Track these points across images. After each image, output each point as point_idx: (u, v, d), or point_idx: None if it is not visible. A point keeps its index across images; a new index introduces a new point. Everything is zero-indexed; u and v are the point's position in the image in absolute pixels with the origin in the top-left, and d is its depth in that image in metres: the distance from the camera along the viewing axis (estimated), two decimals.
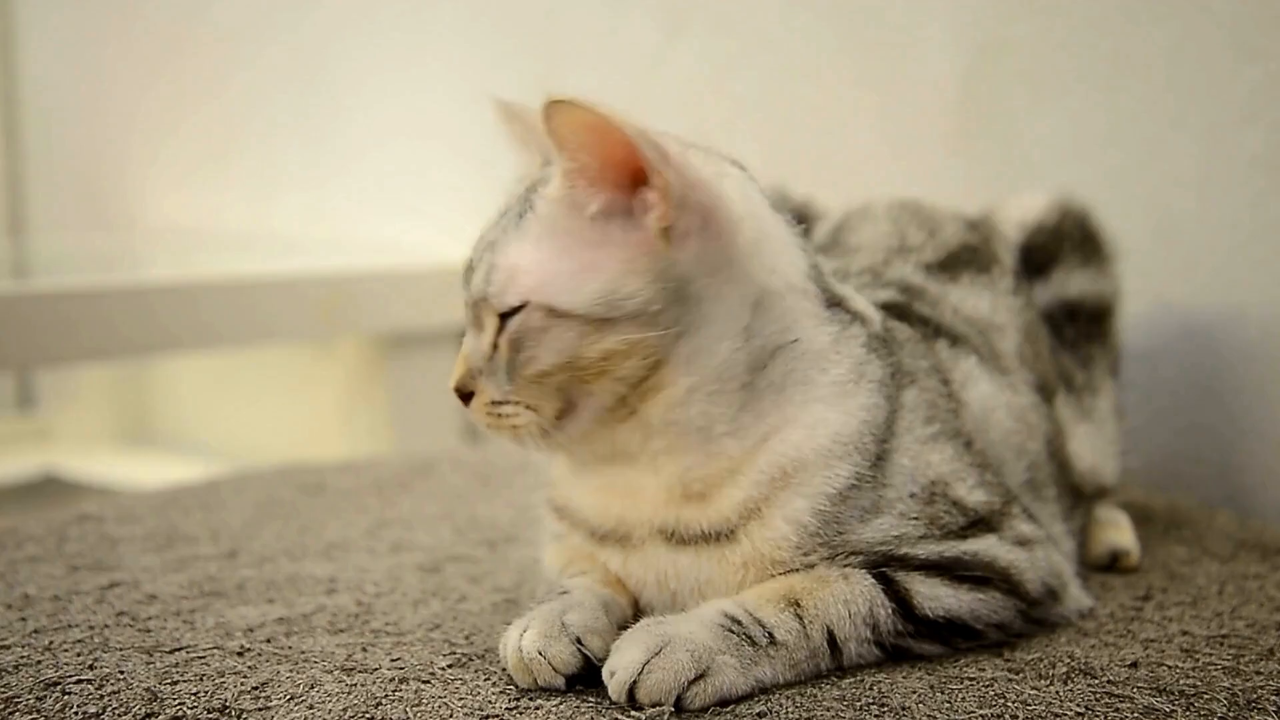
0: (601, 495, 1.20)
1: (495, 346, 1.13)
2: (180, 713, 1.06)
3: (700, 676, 1.03)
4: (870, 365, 1.20)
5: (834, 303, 1.20)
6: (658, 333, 1.10)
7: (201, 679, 1.13)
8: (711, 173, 1.14)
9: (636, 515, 1.17)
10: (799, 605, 1.10)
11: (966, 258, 1.50)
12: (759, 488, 1.14)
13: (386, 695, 1.09)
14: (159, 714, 1.06)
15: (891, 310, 1.31)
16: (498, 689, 1.10)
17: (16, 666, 1.16)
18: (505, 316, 1.12)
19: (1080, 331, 1.57)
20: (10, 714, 1.09)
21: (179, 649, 1.20)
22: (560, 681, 1.08)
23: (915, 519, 1.17)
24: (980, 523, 1.20)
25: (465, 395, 1.15)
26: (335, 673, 1.14)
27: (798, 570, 1.14)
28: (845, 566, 1.14)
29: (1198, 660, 1.16)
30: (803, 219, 1.28)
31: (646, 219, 1.10)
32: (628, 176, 1.10)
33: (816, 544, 1.14)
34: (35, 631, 1.25)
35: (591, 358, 1.10)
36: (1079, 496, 1.46)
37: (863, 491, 1.15)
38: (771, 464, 1.15)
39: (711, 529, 1.15)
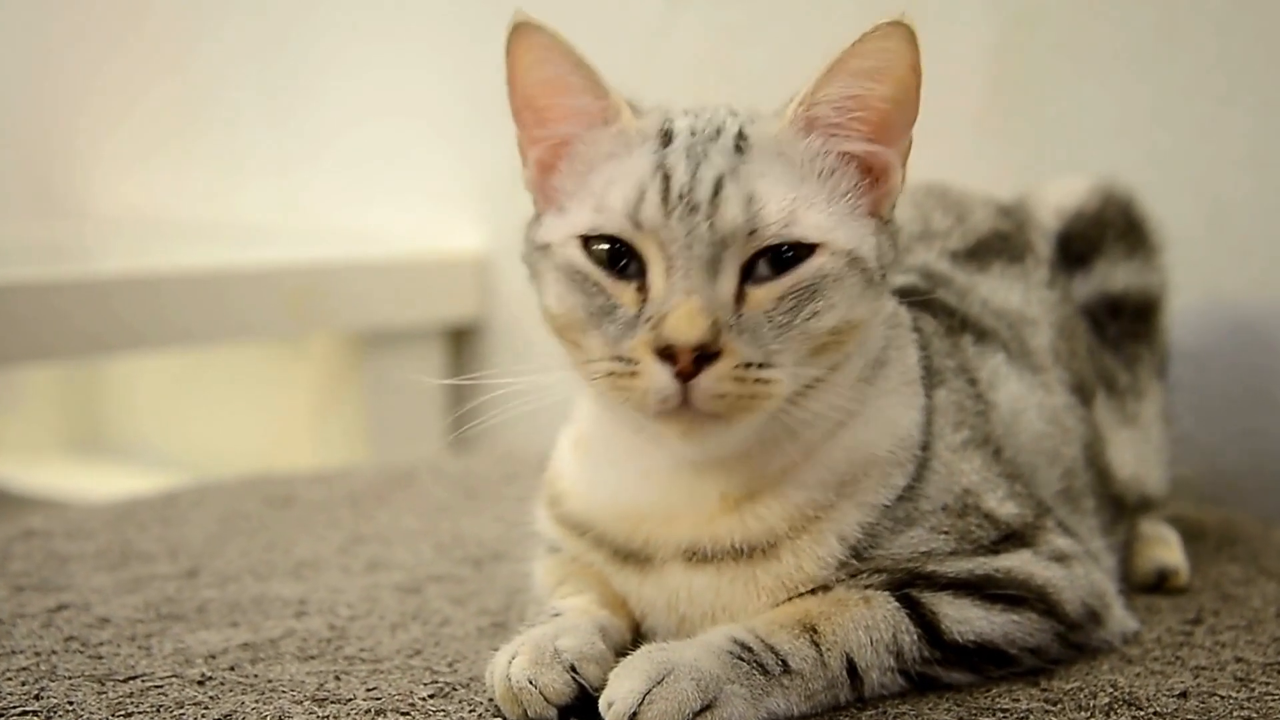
0: (635, 512, 1.19)
1: (740, 297, 1.07)
2: None
3: (706, 708, 1.03)
4: (918, 356, 1.21)
5: None
6: (880, 303, 1.14)
7: (159, 710, 1.12)
8: None
9: (667, 532, 1.17)
10: (815, 631, 1.10)
11: (998, 246, 1.50)
12: (823, 491, 1.14)
13: None
14: None
15: (911, 298, 1.30)
16: None
17: None
18: (778, 258, 1.07)
19: (1124, 329, 1.57)
20: None
21: (134, 677, 1.20)
22: (553, 713, 1.08)
23: (946, 533, 1.17)
24: (1013, 537, 1.20)
25: (701, 359, 1.03)
26: (305, 703, 1.14)
27: (814, 593, 1.13)
28: (867, 588, 1.14)
29: (1253, 690, 1.16)
30: None
31: (888, 180, 1.13)
32: (888, 129, 1.12)
33: (854, 562, 1.14)
34: None
35: (854, 323, 1.10)
36: (1121, 509, 1.46)
37: (903, 503, 1.16)
38: (843, 460, 1.15)
39: (746, 543, 1.14)
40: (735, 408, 1.05)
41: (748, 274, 1.07)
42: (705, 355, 1.03)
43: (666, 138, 1.13)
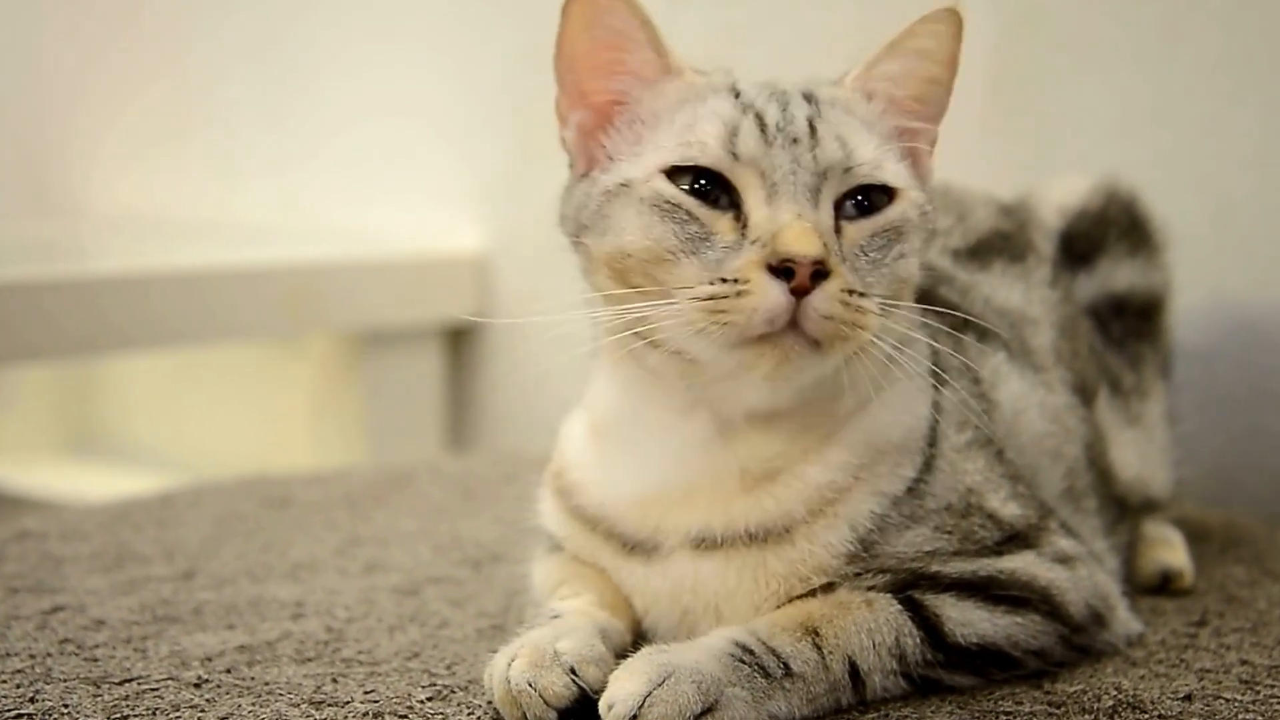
0: (649, 495, 1.18)
1: (835, 230, 1.10)
2: None
3: (707, 711, 1.03)
4: (928, 350, 1.22)
5: None
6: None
7: (154, 713, 1.12)
8: None
9: (679, 517, 1.16)
10: (818, 634, 1.09)
11: (999, 245, 1.50)
12: (842, 473, 1.15)
13: None
14: None
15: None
16: None
17: None
18: (861, 201, 1.11)
19: (1128, 328, 1.57)
20: None
21: (129, 680, 1.20)
22: (552, 716, 1.07)
23: (949, 533, 1.17)
24: (1016, 538, 1.20)
25: (817, 275, 1.04)
26: (302, 706, 1.14)
27: (815, 594, 1.13)
28: (869, 590, 1.14)
29: (1259, 693, 1.16)
30: None
31: (922, 164, 1.20)
32: (931, 112, 1.20)
33: (861, 556, 1.14)
34: None
35: (914, 280, 1.16)
36: (1124, 510, 1.46)
37: (910, 498, 1.16)
38: (862, 442, 1.16)
39: (761, 526, 1.15)
40: (836, 335, 1.06)
41: (837, 211, 1.11)
42: (820, 273, 1.04)
43: (735, 91, 1.16)
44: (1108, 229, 1.58)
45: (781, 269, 1.04)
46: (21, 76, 3.56)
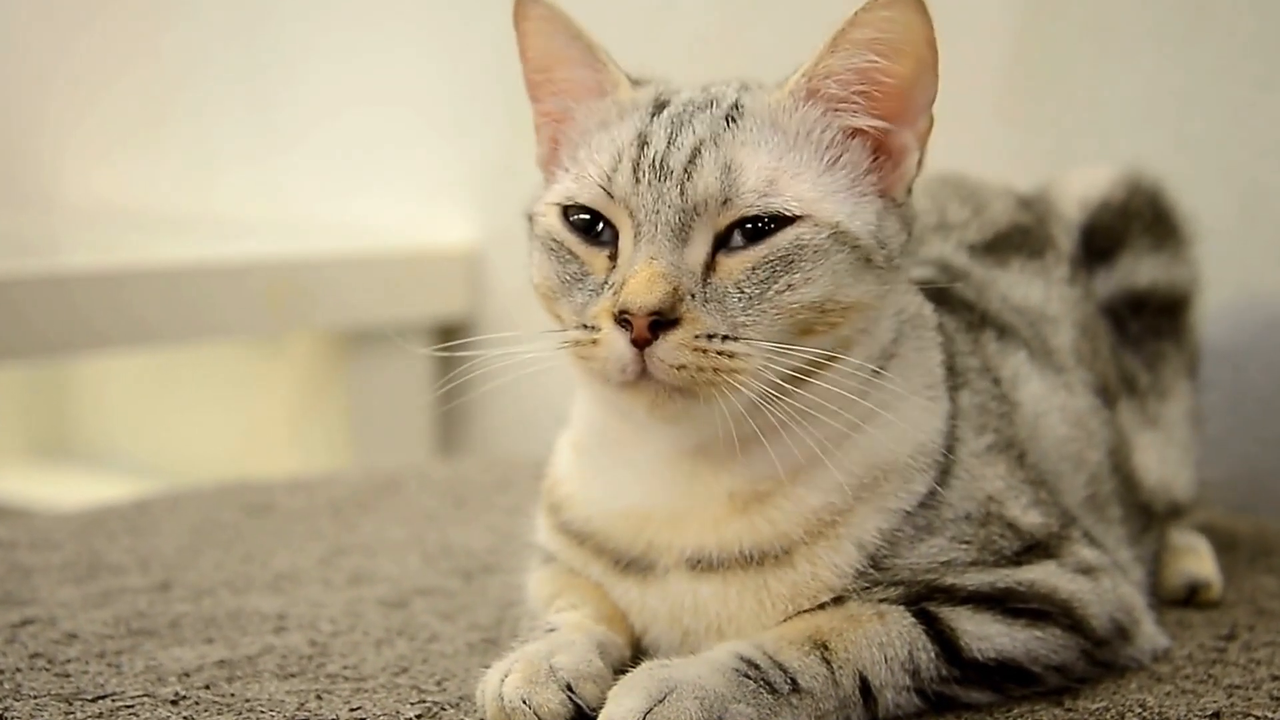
0: (637, 513, 1.19)
1: (710, 267, 1.09)
2: None
3: None
4: (941, 357, 1.22)
5: None
6: (887, 289, 1.14)
7: None
8: None
9: (671, 537, 1.17)
10: (827, 648, 1.09)
11: (1017, 240, 1.50)
12: (840, 494, 1.15)
13: None
14: None
15: (927, 293, 1.29)
16: None
17: None
18: (754, 227, 1.09)
19: (1149, 326, 1.57)
20: None
21: (103, 696, 1.20)
22: None
23: (967, 543, 1.17)
24: (1037, 547, 1.20)
25: (657, 325, 1.05)
26: None
27: (824, 607, 1.13)
28: (881, 602, 1.14)
29: None
30: None
31: (902, 161, 1.15)
32: (899, 106, 1.14)
33: (872, 573, 1.14)
34: None
35: (843, 303, 1.11)
36: (1149, 517, 1.46)
37: (924, 511, 1.16)
38: (860, 463, 1.15)
39: (756, 549, 1.15)
40: (698, 381, 1.06)
41: (723, 244, 1.10)
42: (663, 323, 1.05)
43: (659, 108, 1.16)
44: (1130, 222, 1.57)
45: (623, 320, 1.05)
46: None
